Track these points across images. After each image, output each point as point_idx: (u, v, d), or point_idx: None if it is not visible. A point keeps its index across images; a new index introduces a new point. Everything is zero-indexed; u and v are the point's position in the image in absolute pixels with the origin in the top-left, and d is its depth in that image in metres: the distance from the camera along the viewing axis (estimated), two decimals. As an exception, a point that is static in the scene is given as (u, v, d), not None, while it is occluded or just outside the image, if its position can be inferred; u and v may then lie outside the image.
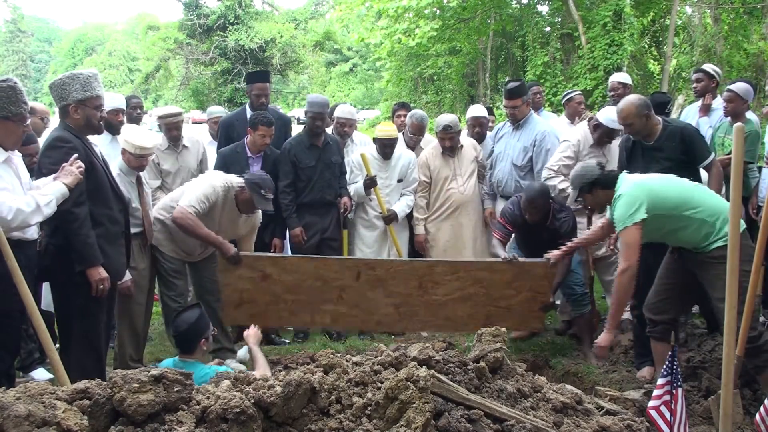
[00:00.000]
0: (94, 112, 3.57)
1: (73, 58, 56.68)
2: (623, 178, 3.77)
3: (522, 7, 19.61)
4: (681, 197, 3.64)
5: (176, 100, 31.37)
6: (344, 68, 42.26)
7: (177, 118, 5.22)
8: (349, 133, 5.65)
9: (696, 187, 3.79)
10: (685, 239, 3.69)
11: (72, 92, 3.50)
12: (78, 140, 3.52)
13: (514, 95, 5.33)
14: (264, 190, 4.32)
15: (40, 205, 3.17)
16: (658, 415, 2.85)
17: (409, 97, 23.14)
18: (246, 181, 4.38)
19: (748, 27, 15.87)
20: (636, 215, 3.58)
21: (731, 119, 4.93)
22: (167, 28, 29.88)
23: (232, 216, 4.49)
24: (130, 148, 4.22)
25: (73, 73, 3.60)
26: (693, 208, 3.60)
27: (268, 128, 4.95)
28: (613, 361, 4.62)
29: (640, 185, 3.68)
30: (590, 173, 3.88)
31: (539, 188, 4.63)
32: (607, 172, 3.91)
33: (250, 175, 4.44)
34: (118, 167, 4.28)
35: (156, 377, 2.25)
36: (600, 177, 3.85)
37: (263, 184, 4.34)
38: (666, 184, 3.74)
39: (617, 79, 6.32)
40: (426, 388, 2.33)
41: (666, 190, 3.69)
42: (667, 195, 3.65)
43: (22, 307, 3.03)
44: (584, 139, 5.04)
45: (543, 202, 4.59)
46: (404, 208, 5.53)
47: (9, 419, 2.02)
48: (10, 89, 3.17)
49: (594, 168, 3.92)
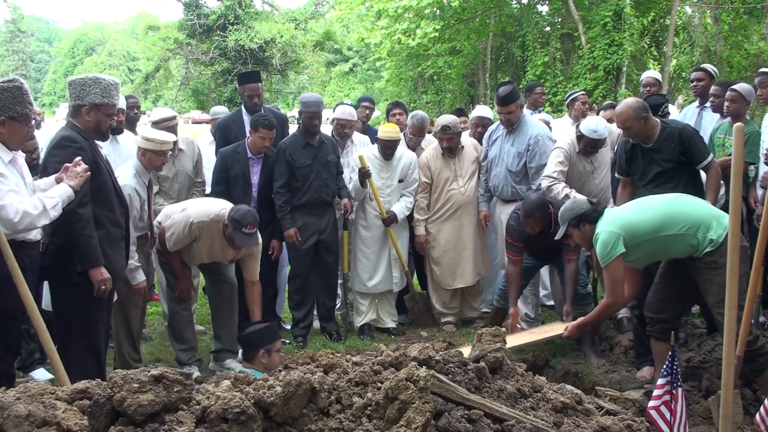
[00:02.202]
0: (105, 119, 3.60)
1: (73, 58, 56.70)
2: (604, 215, 3.84)
3: (522, 7, 19.62)
4: (656, 221, 3.66)
5: (176, 100, 31.40)
6: (344, 68, 42.28)
7: (172, 122, 5.16)
8: (349, 134, 5.63)
9: (671, 202, 3.77)
10: (675, 255, 3.74)
11: (90, 94, 3.53)
12: (85, 141, 3.53)
13: (508, 101, 5.21)
14: (245, 227, 4.24)
15: (47, 208, 3.17)
16: (658, 415, 2.85)
17: (409, 97, 23.15)
18: (228, 218, 4.31)
19: (748, 27, 15.88)
20: (614, 251, 3.66)
21: (731, 119, 4.94)
22: (167, 28, 29.85)
23: (223, 243, 4.45)
24: (152, 146, 4.21)
25: (96, 76, 3.62)
26: (671, 228, 3.63)
27: (268, 131, 4.94)
28: (613, 361, 4.62)
29: (615, 221, 3.75)
30: (579, 208, 3.98)
31: (535, 201, 4.62)
32: (594, 207, 3.98)
33: (232, 212, 4.33)
34: (133, 168, 4.27)
35: (156, 377, 2.25)
36: (588, 212, 3.93)
37: (243, 221, 4.24)
38: (641, 211, 3.77)
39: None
40: (426, 388, 2.33)
41: (641, 217, 3.72)
42: (642, 222, 3.70)
43: (23, 307, 3.03)
44: (574, 143, 5.06)
45: (542, 214, 4.60)
46: (403, 209, 5.52)
47: (9, 419, 2.02)
48: (16, 89, 3.18)
49: (583, 203, 4.03)
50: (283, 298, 5.86)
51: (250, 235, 4.29)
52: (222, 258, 4.57)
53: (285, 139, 5.31)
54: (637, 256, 3.74)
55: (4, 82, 3.18)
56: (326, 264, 5.36)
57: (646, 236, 3.66)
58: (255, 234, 4.35)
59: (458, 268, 5.62)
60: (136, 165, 4.30)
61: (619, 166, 4.57)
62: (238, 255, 4.59)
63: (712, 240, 3.55)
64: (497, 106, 5.39)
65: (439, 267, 5.65)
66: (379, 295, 5.63)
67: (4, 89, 3.15)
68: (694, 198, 3.87)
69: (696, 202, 3.78)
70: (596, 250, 3.79)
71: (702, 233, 3.58)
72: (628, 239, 3.66)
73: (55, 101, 43.42)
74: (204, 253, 4.49)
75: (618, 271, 3.69)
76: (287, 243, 5.21)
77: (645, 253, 3.76)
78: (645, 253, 3.76)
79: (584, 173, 5.09)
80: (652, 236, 3.65)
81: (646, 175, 4.34)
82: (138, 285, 4.10)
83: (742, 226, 4.42)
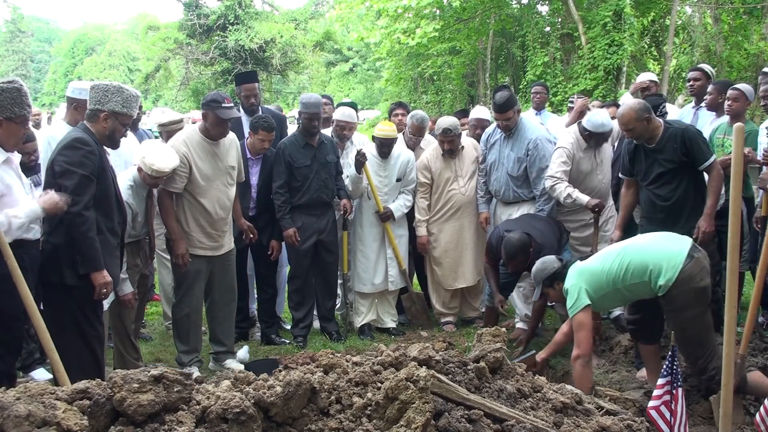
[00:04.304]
0: (121, 128, 3.64)
1: (73, 58, 56.68)
2: (570, 269, 3.88)
3: (522, 7, 19.61)
4: (613, 272, 3.69)
5: (176, 100, 31.36)
6: (344, 68, 42.25)
7: (179, 125, 5.20)
8: (348, 135, 5.61)
9: (623, 251, 3.76)
10: (642, 297, 3.78)
11: (111, 101, 3.56)
12: (96, 145, 3.54)
13: (506, 108, 5.17)
14: (222, 103, 4.42)
15: (11, 227, 3.12)
16: (658, 415, 2.85)
17: (409, 97, 23.13)
18: (204, 104, 4.49)
19: (748, 27, 15.87)
20: (579, 302, 3.71)
21: (731, 119, 4.94)
22: (167, 28, 29.81)
23: (210, 156, 4.49)
24: (146, 170, 4.15)
25: (120, 85, 3.66)
26: (626, 279, 3.66)
27: (267, 133, 4.94)
28: (613, 361, 4.62)
29: (577, 273, 3.81)
30: (550, 268, 4.01)
31: (516, 244, 4.60)
32: (564, 264, 4.00)
33: (205, 98, 4.53)
34: (131, 180, 4.24)
35: (156, 377, 2.25)
36: (558, 270, 3.96)
37: (219, 98, 4.45)
38: (602, 261, 3.79)
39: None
40: (426, 388, 2.33)
41: (602, 267, 3.75)
42: (600, 272, 3.74)
43: (24, 306, 3.03)
44: (576, 142, 5.08)
45: (523, 258, 4.62)
46: (401, 207, 5.53)
47: (9, 419, 2.02)
48: (15, 90, 3.18)
49: (553, 262, 4.04)
50: (283, 298, 5.86)
51: (231, 107, 4.47)
52: (219, 169, 4.53)
53: (284, 140, 5.30)
54: (608, 304, 3.88)
55: (3, 83, 3.18)
56: (326, 264, 5.35)
57: (608, 287, 3.70)
58: (233, 106, 4.54)
59: (459, 268, 5.62)
60: (135, 176, 4.25)
61: (623, 166, 4.58)
62: (231, 155, 4.62)
63: (662, 285, 3.57)
64: (495, 113, 5.34)
65: (441, 267, 5.65)
66: (378, 295, 5.63)
67: (3, 90, 3.15)
68: (648, 239, 3.83)
69: (645, 247, 3.74)
70: (567, 305, 3.83)
71: (654, 279, 3.59)
72: (594, 290, 3.71)
73: (55, 101, 43.38)
74: (206, 168, 4.46)
75: (585, 322, 3.70)
76: (286, 243, 5.21)
77: (614, 301, 3.88)
78: (614, 301, 3.88)
79: (588, 170, 5.12)
80: (613, 287, 3.69)
81: (648, 175, 4.34)
82: (124, 296, 4.09)
83: (742, 226, 4.42)
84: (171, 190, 4.43)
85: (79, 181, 3.40)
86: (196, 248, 4.52)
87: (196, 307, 4.63)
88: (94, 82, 3.68)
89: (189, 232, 4.50)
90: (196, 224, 4.51)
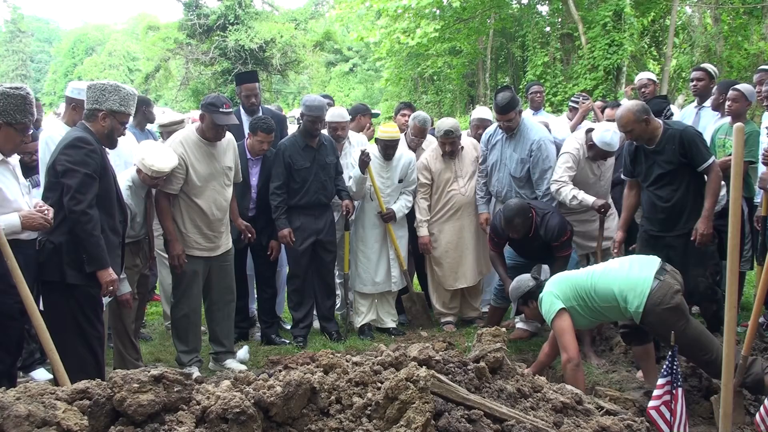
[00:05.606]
0: (119, 127, 3.65)
1: (73, 59, 56.61)
2: (545, 285, 3.93)
3: (522, 7, 19.60)
4: (579, 281, 3.75)
5: (176, 100, 31.34)
6: (344, 68, 42.20)
7: (180, 126, 5.20)
8: (342, 136, 5.56)
9: (594, 269, 3.83)
10: (618, 320, 3.84)
11: (109, 100, 3.56)
12: (97, 144, 3.54)
13: (508, 109, 5.15)
14: (221, 108, 4.39)
15: None
16: (658, 415, 2.86)
17: (409, 97, 23.09)
18: (203, 107, 4.45)
19: (748, 27, 15.85)
20: (553, 306, 3.74)
21: (732, 119, 4.94)
22: (167, 28, 29.78)
23: (207, 157, 4.49)
24: (146, 170, 4.15)
25: (117, 84, 3.66)
26: (594, 299, 3.69)
27: (266, 135, 4.93)
28: (613, 361, 4.62)
29: (547, 284, 3.90)
30: (524, 287, 4.07)
31: (515, 208, 4.68)
32: (537, 283, 4.04)
33: (205, 99, 4.50)
34: (130, 179, 4.24)
35: (156, 377, 2.25)
36: (532, 289, 4.01)
37: (218, 102, 4.40)
38: (569, 272, 3.92)
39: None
40: (426, 388, 2.33)
41: (565, 275, 3.88)
42: (566, 278, 3.83)
43: (22, 306, 3.02)
44: (583, 148, 5.11)
45: (521, 221, 4.68)
46: (402, 207, 5.53)
47: (9, 419, 2.02)
48: (21, 98, 3.18)
49: (528, 281, 4.09)
50: (282, 298, 5.86)
51: (228, 113, 4.43)
52: (216, 168, 4.52)
53: (284, 140, 5.29)
54: (585, 324, 3.88)
55: (10, 88, 3.18)
56: (324, 264, 5.35)
57: (577, 298, 3.72)
58: (232, 112, 4.50)
59: (460, 268, 5.62)
60: (133, 177, 4.25)
61: (625, 167, 4.59)
62: (227, 155, 4.60)
63: (633, 313, 3.59)
64: (497, 114, 5.34)
65: (441, 267, 5.64)
66: (378, 295, 5.63)
67: (9, 95, 3.15)
68: (617, 264, 3.81)
69: (613, 272, 3.73)
70: (544, 317, 3.86)
71: (623, 306, 3.62)
72: (565, 297, 3.73)
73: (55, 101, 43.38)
74: (202, 169, 4.46)
75: (564, 326, 3.71)
76: (282, 243, 5.20)
77: (590, 321, 3.90)
78: (590, 321, 3.90)
79: (591, 178, 5.17)
80: (585, 303, 3.71)
81: (648, 176, 4.35)
82: (122, 297, 4.09)
83: (742, 226, 4.43)
84: (167, 192, 4.42)
85: (82, 180, 3.41)
86: (193, 249, 4.52)
87: (194, 307, 4.63)
88: (91, 82, 3.67)
89: (186, 233, 4.50)
90: (193, 225, 4.51)
